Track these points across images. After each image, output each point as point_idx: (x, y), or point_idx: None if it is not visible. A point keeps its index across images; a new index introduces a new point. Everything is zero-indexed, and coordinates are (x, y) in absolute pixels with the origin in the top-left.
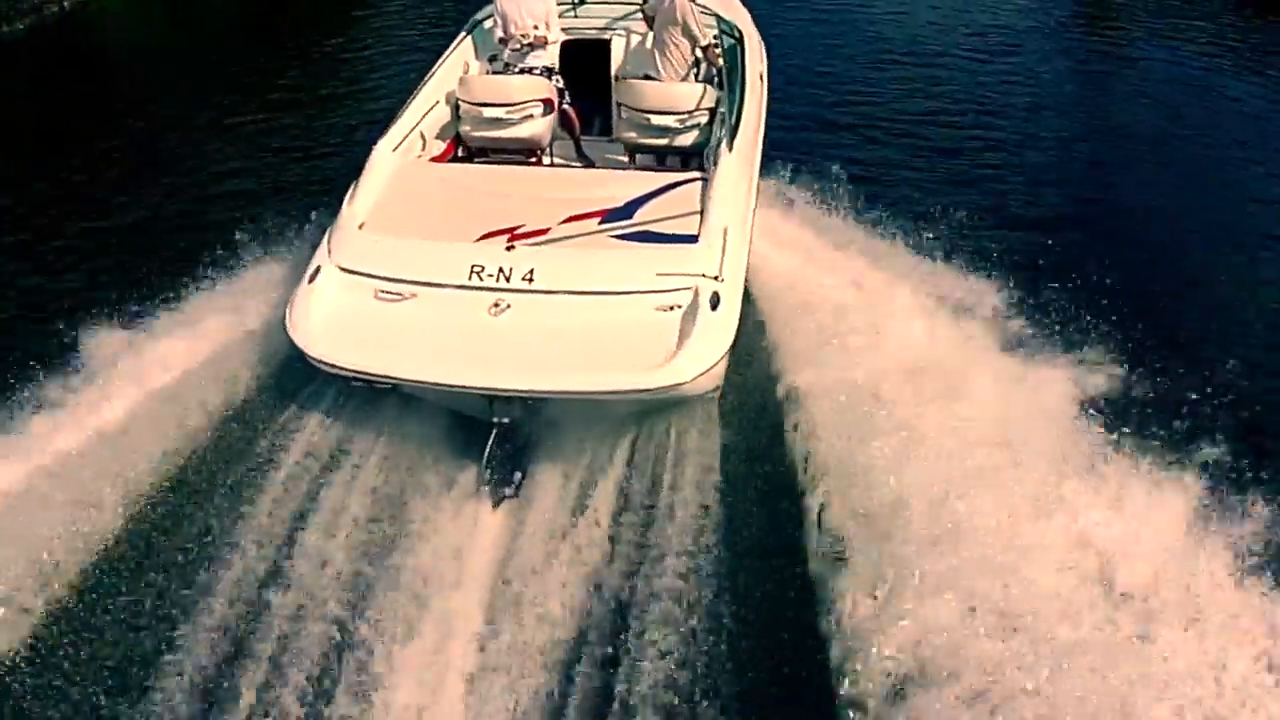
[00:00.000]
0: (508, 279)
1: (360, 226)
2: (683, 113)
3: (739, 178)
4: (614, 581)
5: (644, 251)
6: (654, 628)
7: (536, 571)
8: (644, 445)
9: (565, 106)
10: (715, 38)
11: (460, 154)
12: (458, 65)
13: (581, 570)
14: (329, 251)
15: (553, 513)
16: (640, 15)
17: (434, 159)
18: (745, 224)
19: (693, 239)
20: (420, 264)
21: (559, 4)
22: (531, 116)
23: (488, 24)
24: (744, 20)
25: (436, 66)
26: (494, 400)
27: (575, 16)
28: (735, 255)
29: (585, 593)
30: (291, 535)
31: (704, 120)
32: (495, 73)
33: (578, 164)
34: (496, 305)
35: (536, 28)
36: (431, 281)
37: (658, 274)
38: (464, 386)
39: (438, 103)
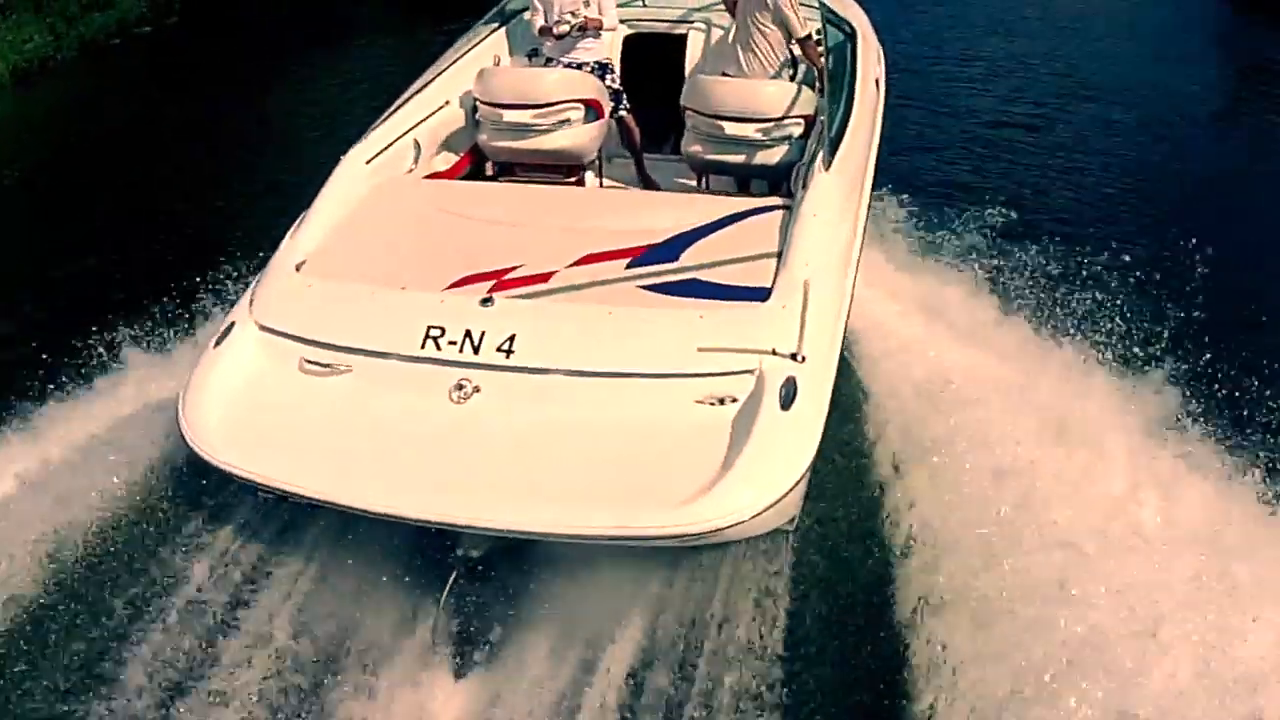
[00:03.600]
0: (476, 348)
1: (298, 267)
2: (767, 120)
3: (838, 208)
4: None
5: (685, 312)
6: None
7: None
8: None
9: (623, 113)
10: (817, 31)
11: (478, 171)
12: (483, 60)
13: None
14: (250, 302)
15: (544, 682)
16: (723, 2)
17: (436, 175)
18: (843, 275)
19: (762, 295)
20: (359, 323)
21: None
22: (568, 122)
23: (526, 13)
24: (857, 14)
25: (450, 57)
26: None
27: (644, 5)
28: (825, 322)
29: None
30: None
31: (796, 132)
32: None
33: (638, 188)
34: (460, 388)
35: (588, 5)
36: (371, 349)
37: (701, 348)
38: (400, 517)
39: (446, 103)
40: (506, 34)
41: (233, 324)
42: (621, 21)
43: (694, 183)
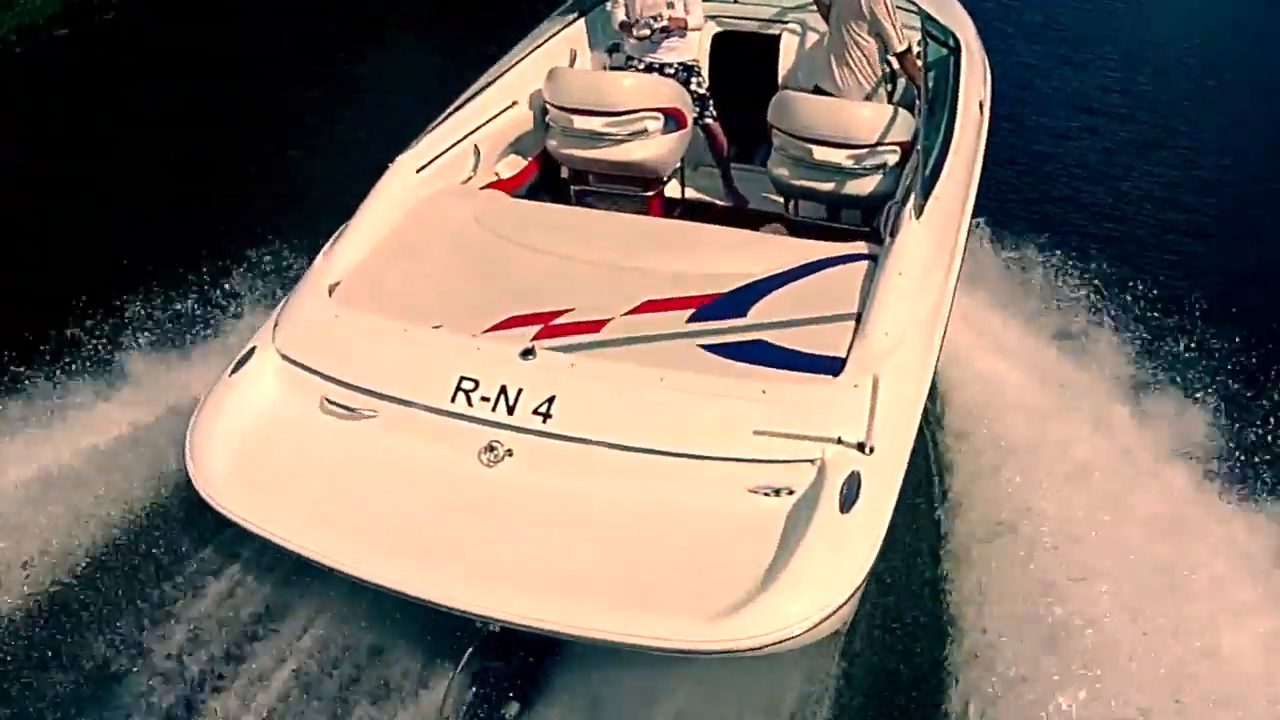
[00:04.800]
0: (510, 408)
1: (330, 291)
2: (859, 146)
3: (928, 264)
4: None
5: (746, 385)
6: None
7: None
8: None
9: (709, 121)
10: (918, 43)
11: (547, 177)
12: (557, 55)
13: None
14: (274, 326)
15: None
16: (817, 7)
17: (499, 183)
18: (928, 347)
19: (834, 367)
20: (388, 364)
21: None
22: (645, 133)
23: (608, 3)
24: (962, 24)
25: (520, 52)
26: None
27: (735, 1)
28: (901, 406)
29: None
30: None
31: (891, 160)
32: (614, 68)
33: (724, 202)
34: (491, 449)
35: (672, 6)
36: (398, 396)
37: (757, 431)
38: (414, 598)
39: (514, 104)
40: (586, 25)
41: (253, 349)
42: (710, 18)
43: (783, 200)
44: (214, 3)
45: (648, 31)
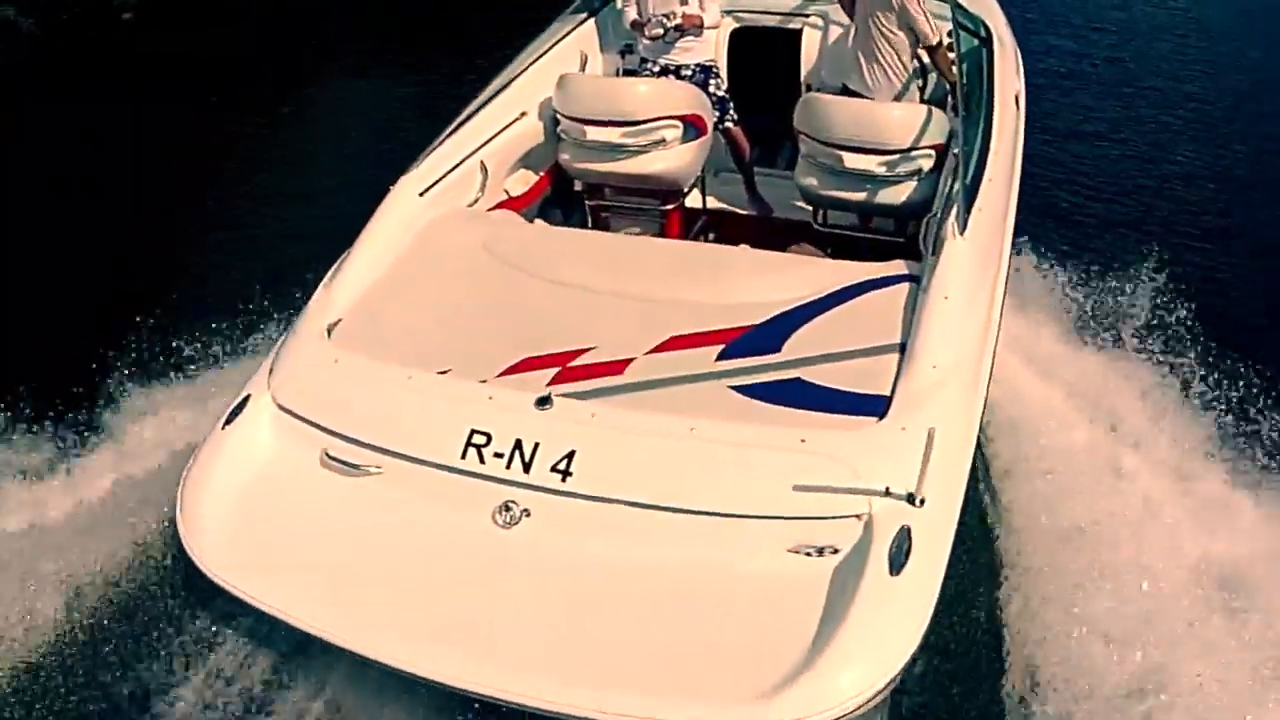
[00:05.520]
0: (526, 465)
1: (329, 330)
2: (892, 151)
3: (974, 283)
4: None
5: (782, 434)
6: None
7: None
8: None
9: (729, 124)
10: (948, 34)
11: (561, 191)
12: (567, 59)
13: None
14: (269, 372)
15: None
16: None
17: (509, 201)
18: (977, 378)
19: (878, 408)
20: (393, 417)
21: None
22: (664, 143)
23: (619, 2)
24: (992, 11)
25: (528, 58)
26: None
27: None
28: (952, 448)
29: None
30: None
31: (926, 165)
32: (627, 70)
33: (748, 210)
34: (507, 509)
35: (686, 4)
36: (405, 453)
37: (797, 485)
38: (423, 679)
39: (522, 115)
40: (596, 25)
41: (247, 398)
42: (727, 13)
43: (807, 207)
44: (205, 10)
45: (660, 31)
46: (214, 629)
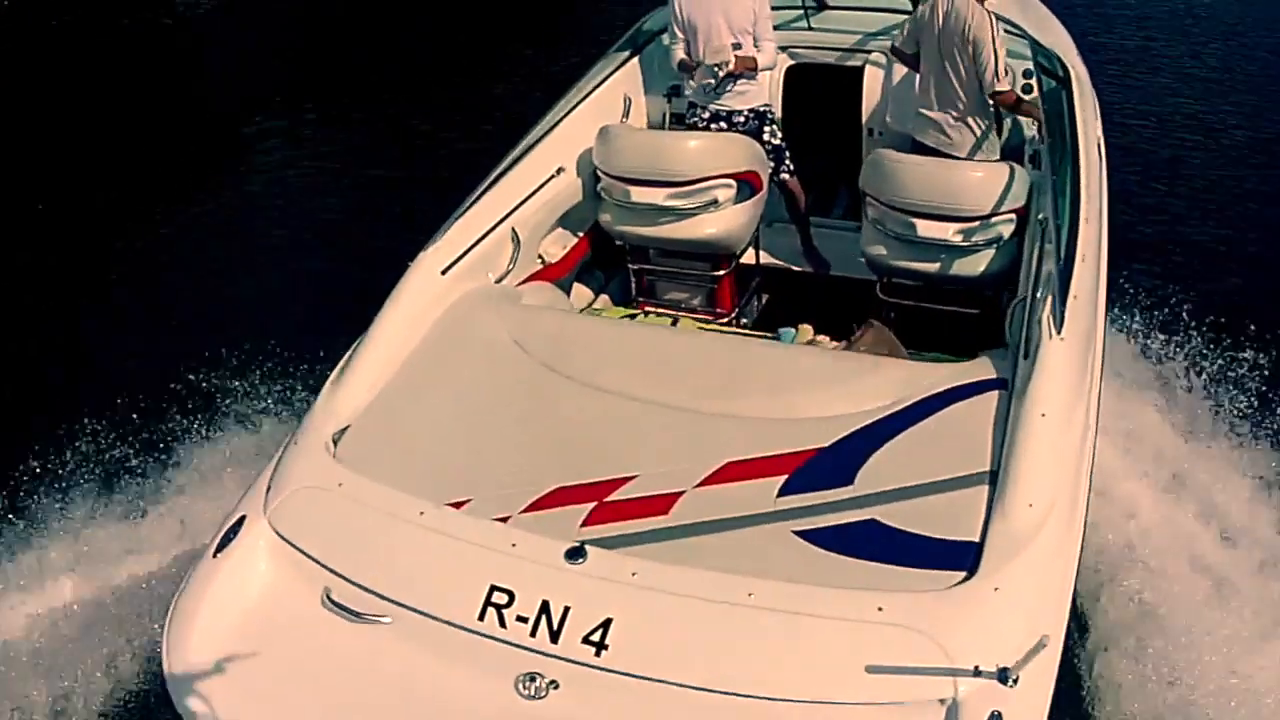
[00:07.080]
0: (554, 634)
1: (334, 442)
2: (971, 219)
3: (1073, 392)
4: None
5: (855, 599)
6: None
7: None
8: None
9: (784, 176)
10: (1026, 74)
11: (602, 251)
12: (609, 103)
13: None
14: (266, 489)
15: None
16: (901, 33)
17: (544, 272)
18: (1075, 516)
19: (966, 560)
20: (402, 561)
21: (783, 7)
22: (716, 204)
23: (664, 36)
24: (1066, 47)
25: (567, 104)
26: None
27: (809, 28)
28: (1048, 608)
29: None
30: None
31: (1006, 232)
32: (674, 115)
33: (801, 267)
34: (532, 679)
35: (739, 47)
36: (414, 606)
37: (871, 666)
38: None
39: (559, 171)
40: (640, 64)
41: (241, 520)
42: (782, 49)
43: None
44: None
45: (712, 81)
46: None
